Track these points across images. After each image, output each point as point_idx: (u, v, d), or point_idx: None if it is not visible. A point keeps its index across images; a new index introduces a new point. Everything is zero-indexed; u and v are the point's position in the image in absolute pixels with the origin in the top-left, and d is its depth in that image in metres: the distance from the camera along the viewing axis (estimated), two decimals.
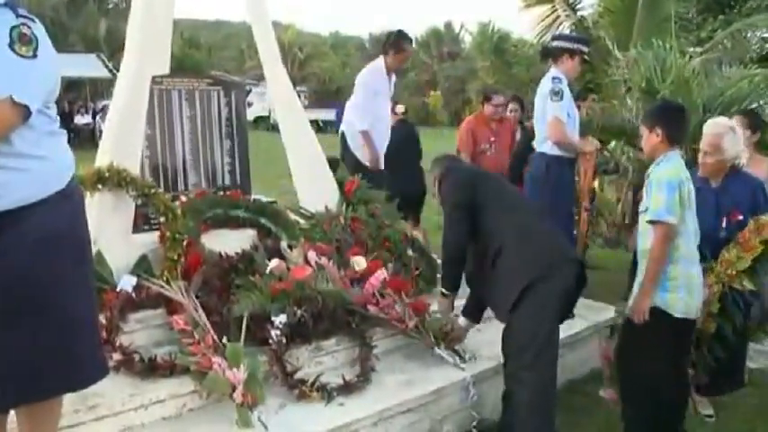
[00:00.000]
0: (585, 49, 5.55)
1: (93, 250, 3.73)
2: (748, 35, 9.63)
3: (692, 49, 9.26)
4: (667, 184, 3.39)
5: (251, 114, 25.04)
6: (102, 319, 3.54)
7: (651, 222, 3.43)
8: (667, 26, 8.60)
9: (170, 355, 3.54)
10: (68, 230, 2.54)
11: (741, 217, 4.01)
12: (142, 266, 4.12)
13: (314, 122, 33.43)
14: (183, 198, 4.69)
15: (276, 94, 5.30)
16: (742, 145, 4.02)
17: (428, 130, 24.65)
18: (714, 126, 4.04)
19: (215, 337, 3.59)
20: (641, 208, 3.60)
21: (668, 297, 3.46)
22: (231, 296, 3.94)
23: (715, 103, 6.32)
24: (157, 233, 4.24)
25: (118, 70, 4.81)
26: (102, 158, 4.33)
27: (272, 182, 8.22)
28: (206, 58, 49.89)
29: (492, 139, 6.98)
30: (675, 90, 6.30)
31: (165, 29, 4.86)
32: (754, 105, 6.41)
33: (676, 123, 3.56)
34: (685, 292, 3.46)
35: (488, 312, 4.65)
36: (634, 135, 6.42)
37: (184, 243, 4.18)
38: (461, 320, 4.15)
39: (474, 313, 4.15)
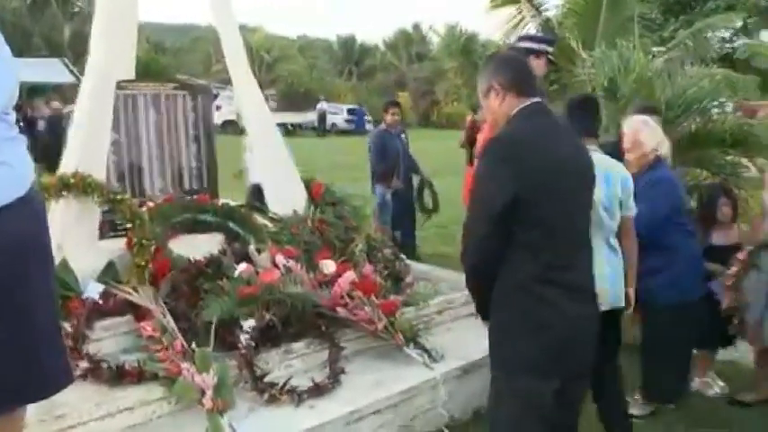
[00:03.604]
0: (550, 49, 5.60)
1: (58, 258, 3.71)
2: (709, 35, 9.79)
3: (655, 49, 9.39)
4: None
5: (219, 118, 24.86)
6: (67, 327, 3.52)
7: None
8: (631, 26, 8.71)
9: (138, 362, 3.52)
10: (30, 237, 2.51)
11: None
12: (109, 273, 4.10)
13: (283, 125, 33.33)
14: (151, 203, 4.67)
15: (243, 98, 5.29)
16: (660, 136, 4.13)
17: None
18: (630, 124, 4.22)
19: (184, 342, 3.57)
20: None
21: None
22: (200, 301, 3.92)
23: (677, 101, 6.40)
24: (124, 239, 4.21)
25: (83, 75, 4.78)
26: (67, 165, 4.29)
27: (240, 185, 8.20)
28: (173, 62, 49.48)
29: None
30: (638, 89, 6.37)
31: (129, 33, 4.84)
32: (714, 104, 6.53)
33: (580, 115, 3.59)
34: None
35: (459, 311, 4.71)
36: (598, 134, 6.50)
37: (152, 249, 4.15)
38: None
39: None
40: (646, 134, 4.04)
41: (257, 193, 7.80)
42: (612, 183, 3.48)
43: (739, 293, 4.34)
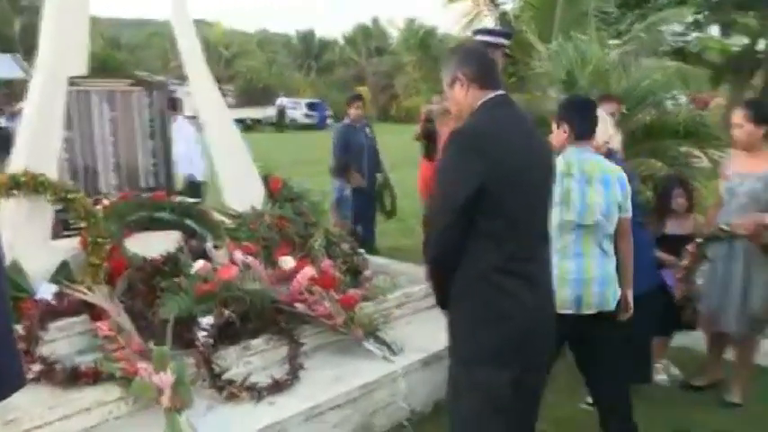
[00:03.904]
0: (506, 42, 5.63)
1: (9, 258, 3.63)
2: (662, 29, 9.95)
3: (611, 42, 9.52)
4: None
5: None
6: (20, 329, 3.45)
7: None
8: (586, 20, 8.82)
9: (94, 362, 3.46)
10: None
11: None
12: (63, 273, 4.02)
13: (241, 121, 32.81)
14: (106, 201, 4.60)
15: (200, 94, 5.23)
16: (611, 129, 4.12)
17: None
18: None
19: (141, 341, 3.52)
20: None
21: None
22: (157, 299, 3.87)
23: (632, 93, 6.51)
24: (78, 238, 4.14)
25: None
26: (17, 163, 4.20)
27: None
28: (130, 58, 48.80)
29: None
30: (595, 81, 6.45)
31: (80, 27, 4.74)
32: (667, 96, 6.65)
33: (581, 118, 3.52)
34: (556, 286, 3.28)
35: (418, 304, 4.73)
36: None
37: (107, 247, 4.09)
38: None
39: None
40: (598, 128, 4.07)
41: (191, 186, 7.76)
42: (611, 185, 3.43)
43: (691, 284, 4.43)
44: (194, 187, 7.70)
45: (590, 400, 4.24)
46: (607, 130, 4.09)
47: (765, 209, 4.16)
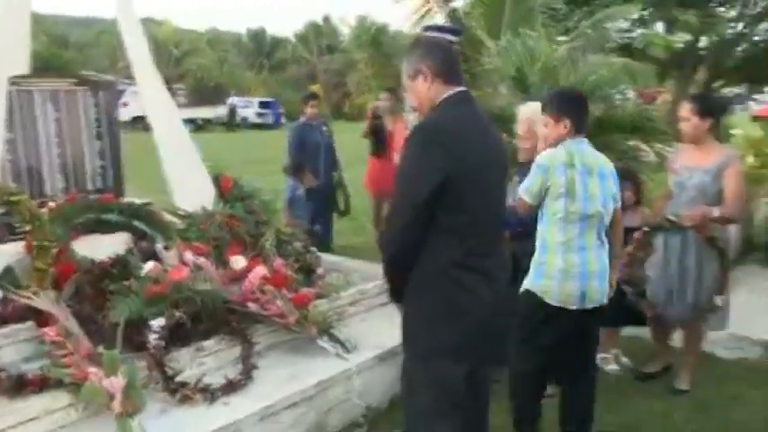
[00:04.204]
0: (455, 38, 5.66)
1: None
2: (608, 25, 10.10)
3: (559, 38, 9.64)
4: (536, 167, 3.50)
5: (128, 114, 24.14)
6: None
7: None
8: (534, 16, 8.92)
9: (41, 369, 3.36)
10: None
11: None
12: (7, 278, 3.91)
13: (192, 121, 32.22)
14: (52, 204, 4.50)
15: (147, 93, 5.14)
16: None
17: None
18: (525, 111, 4.20)
19: (90, 346, 3.45)
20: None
21: (542, 283, 3.48)
22: (106, 303, 3.80)
23: (580, 89, 6.58)
24: (23, 242, 4.04)
25: None
26: None
27: (149, 183, 7.98)
28: (78, 57, 47.81)
29: None
30: (544, 77, 6.53)
31: (20, 25, 4.64)
32: (613, 91, 6.77)
33: (581, 113, 3.58)
34: (560, 280, 3.43)
35: (372, 301, 4.74)
36: (507, 121, 6.64)
37: (54, 251, 4.00)
38: None
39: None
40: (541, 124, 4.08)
41: None
42: (606, 178, 3.50)
43: (635, 270, 4.52)
44: None
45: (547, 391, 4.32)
46: None
47: (713, 202, 4.27)
